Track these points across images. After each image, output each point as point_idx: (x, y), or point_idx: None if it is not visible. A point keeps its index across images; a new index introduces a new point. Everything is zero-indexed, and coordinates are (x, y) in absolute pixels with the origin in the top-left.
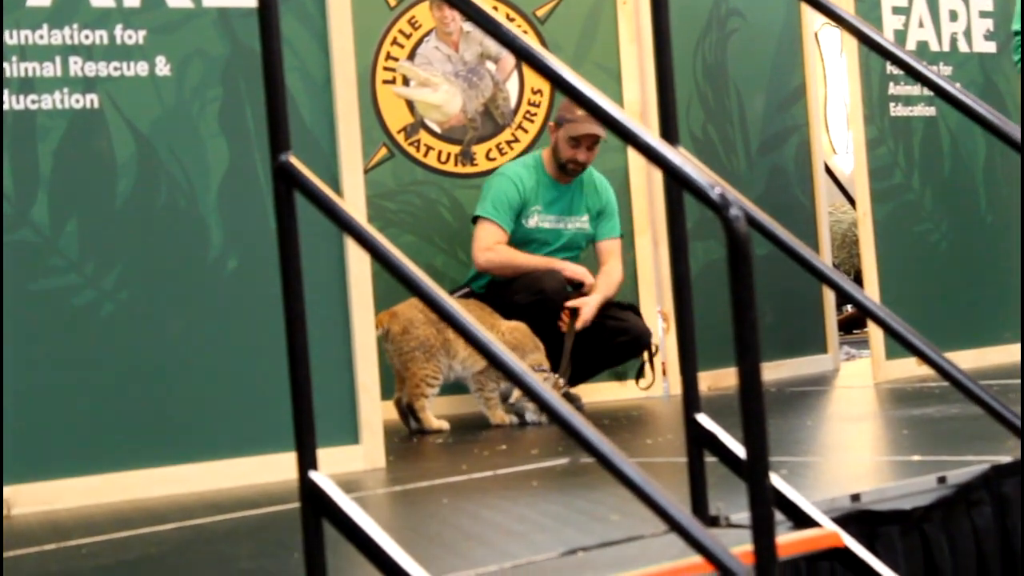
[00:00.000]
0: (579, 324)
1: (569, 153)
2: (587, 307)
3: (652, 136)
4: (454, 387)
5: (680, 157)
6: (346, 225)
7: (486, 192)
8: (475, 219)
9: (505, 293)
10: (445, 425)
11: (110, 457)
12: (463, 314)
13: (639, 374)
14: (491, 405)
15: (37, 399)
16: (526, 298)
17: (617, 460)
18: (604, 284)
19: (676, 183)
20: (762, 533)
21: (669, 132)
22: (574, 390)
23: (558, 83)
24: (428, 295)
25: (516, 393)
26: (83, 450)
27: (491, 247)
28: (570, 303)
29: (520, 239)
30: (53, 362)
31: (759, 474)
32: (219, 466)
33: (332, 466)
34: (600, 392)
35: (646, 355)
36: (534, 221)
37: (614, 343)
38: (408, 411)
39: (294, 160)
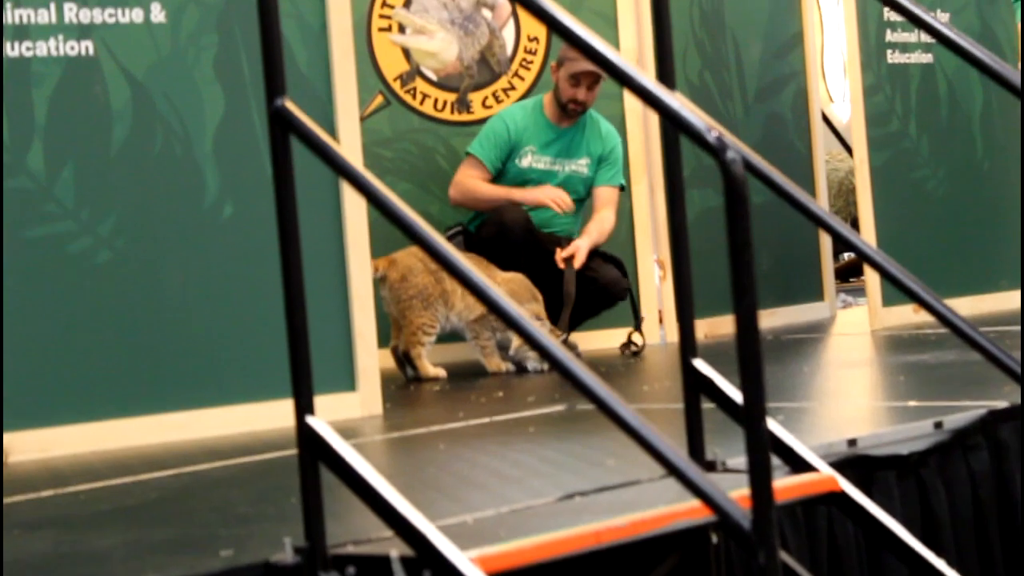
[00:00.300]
0: (576, 265)
1: (569, 92)
2: (580, 251)
3: (649, 79)
4: (452, 335)
5: (677, 100)
6: (342, 170)
7: (480, 132)
8: None
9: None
10: (442, 373)
11: (108, 404)
12: (460, 260)
13: (636, 330)
14: (487, 353)
15: (34, 346)
16: (490, 231)
17: (615, 405)
18: (595, 229)
19: (673, 126)
20: (759, 477)
21: (666, 77)
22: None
23: (555, 27)
24: (425, 240)
25: (516, 342)
26: (81, 397)
27: (462, 177)
28: (562, 252)
29: (513, 179)
30: (50, 309)
31: (756, 417)
32: (217, 413)
33: (329, 413)
34: (598, 340)
35: (632, 310)
36: (527, 161)
37: (586, 295)
38: (404, 359)
39: (290, 105)
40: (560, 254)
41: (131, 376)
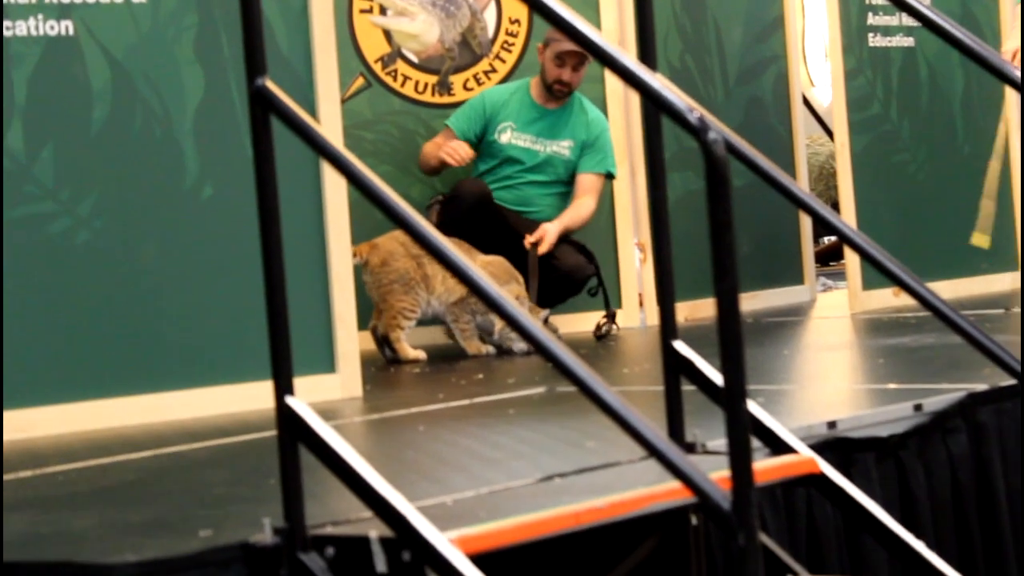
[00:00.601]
0: (542, 249)
1: (555, 73)
2: (548, 234)
3: (631, 59)
4: (433, 320)
5: (659, 81)
6: (323, 150)
7: None
8: None
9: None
10: (422, 355)
11: (86, 385)
12: (442, 241)
13: (607, 317)
14: (466, 336)
15: (13, 327)
16: (448, 200)
17: (596, 386)
18: (570, 215)
19: (655, 107)
20: (739, 459)
21: (648, 59)
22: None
23: (537, 8)
24: (406, 221)
25: (499, 324)
26: (59, 378)
27: (426, 144)
28: (531, 237)
29: (493, 153)
30: (28, 290)
31: (737, 397)
32: (195, 394)
33: (309, 395)
34: (577, 323)
35: (601, 292)
36: (507, 137)
37: (549, 281)
38: (384, 342)
39: (270, 84)
40: (529, 238)
41: (110, 357)
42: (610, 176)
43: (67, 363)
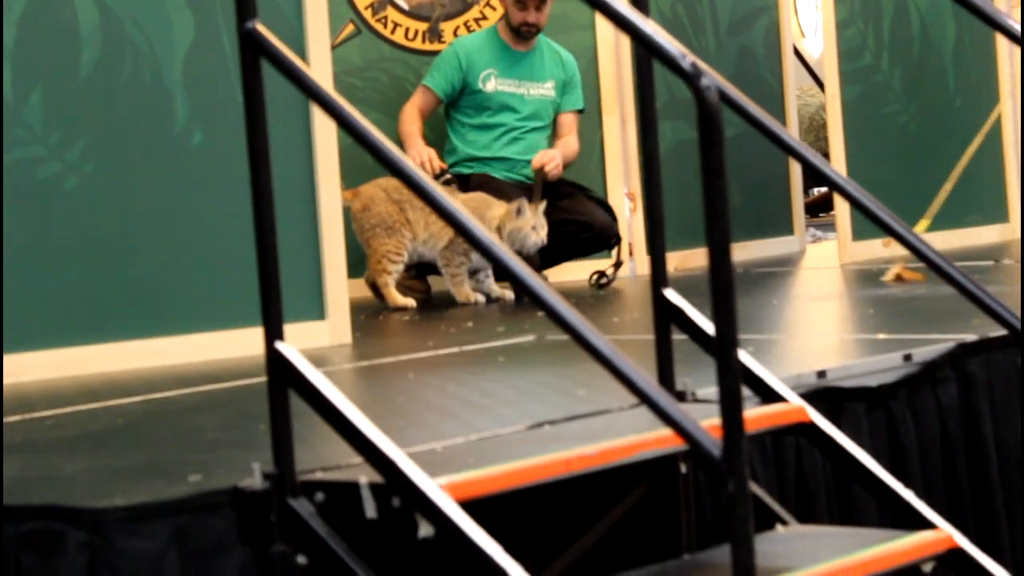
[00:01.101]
0: (554, 173)
1: (519, 16)
2: (557, 160)
3: (624, 5)
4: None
5: (652, 26)
6: (313, 93)
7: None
8: None
9: None
10: (411, 302)
11: (76, 331)
12: (428, 181)
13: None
14: (457, 283)
15: (1, 272)
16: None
17: (587, 333)
18: (563, 151)
19: (647, 52)
20: (730, 406)
21: (640, 5)
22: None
23: None
24: (395, 164)
25: (497, 290)
26: (48, 323)
27: (405, 106)
28: (538, 159)
29: (482, 104)
30: (17, 234)
31: (728, 345)
32: (185, 340)
33: (298, 341)
34: (565, 272)
35: (614, 254)
36: (492, 85)
37: (579, 239)
38: (372, 289)
39: (261, 28)
40: (536, 160)
41: (99, 303)
42: (581, 111)
43: (56, 308)
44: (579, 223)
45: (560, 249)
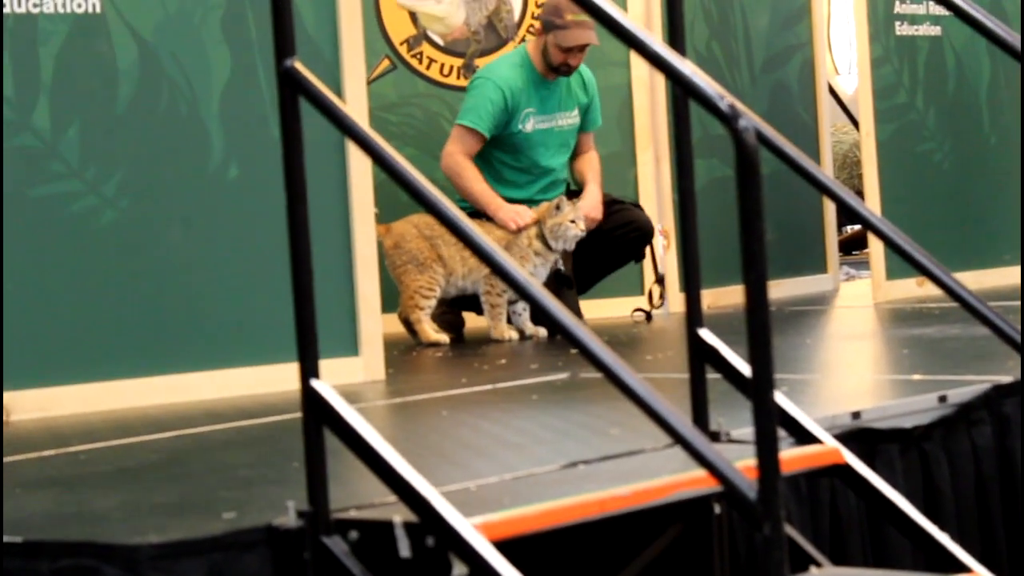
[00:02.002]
0: (599, 216)
1: (560, 58)
2: (594, 209)
3: (661, 45)
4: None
5: (689, 67)
6: (350, 131)
7: (468, 98)
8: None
9: None
10: (444, 338)
11: (110, 365)
12: (464, 219)
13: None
14: (496, 315)
15: (37, 306)
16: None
17: (621, 372)
18: (593, 174)
19: (685, 93)
20: (766, 448)
21: (677, 45)
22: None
23: None
24: (430, 201)
25: (531, 327)
26: (83, 357)
27: (454, 152)
28: (580, 224)
29: (519, 145)
30: (53, 269)
31: (764, 387)
32: (219, 375)
33: (332, 377)
34: (601, 309)
35: (648, 250)
36: (531, 125)
37: (627, 240)
38: (405, 325)
39: (299, 66)
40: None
41: (133, 337)
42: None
43: (90, 342)
44: (625, 224)
45: (614, 253)
